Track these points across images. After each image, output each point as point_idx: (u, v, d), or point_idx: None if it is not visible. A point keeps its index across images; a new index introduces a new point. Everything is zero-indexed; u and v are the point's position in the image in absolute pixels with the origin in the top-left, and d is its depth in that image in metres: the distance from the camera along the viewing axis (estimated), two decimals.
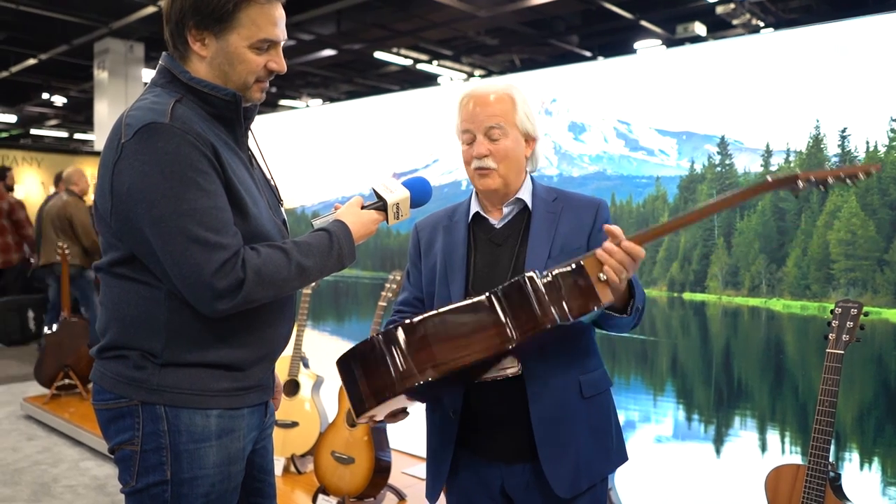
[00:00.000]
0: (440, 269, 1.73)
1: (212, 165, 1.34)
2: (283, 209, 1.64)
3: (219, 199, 1.34)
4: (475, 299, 1.38)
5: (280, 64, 1.48)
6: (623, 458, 1.75)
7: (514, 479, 1.63)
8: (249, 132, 1.58)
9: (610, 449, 1.69)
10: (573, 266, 1.38)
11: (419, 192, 1.61)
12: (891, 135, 2.67)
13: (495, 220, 1.72)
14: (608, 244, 1.40)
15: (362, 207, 1.56)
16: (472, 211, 1.75)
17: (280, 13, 1.45)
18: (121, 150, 1.32)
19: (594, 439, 1.64)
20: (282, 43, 1.48)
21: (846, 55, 2.78)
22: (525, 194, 1.71)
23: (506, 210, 1.72)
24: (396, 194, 1.57)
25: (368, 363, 1.37)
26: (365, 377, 1.37)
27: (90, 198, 6.43)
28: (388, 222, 1.58)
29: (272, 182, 1.65)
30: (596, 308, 1.38)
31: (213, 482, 1.42)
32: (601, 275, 1.38)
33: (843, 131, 2.78)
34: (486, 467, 1.67)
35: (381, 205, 1.57)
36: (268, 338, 1.49)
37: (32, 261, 7.21)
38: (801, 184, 1.42)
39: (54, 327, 5.19)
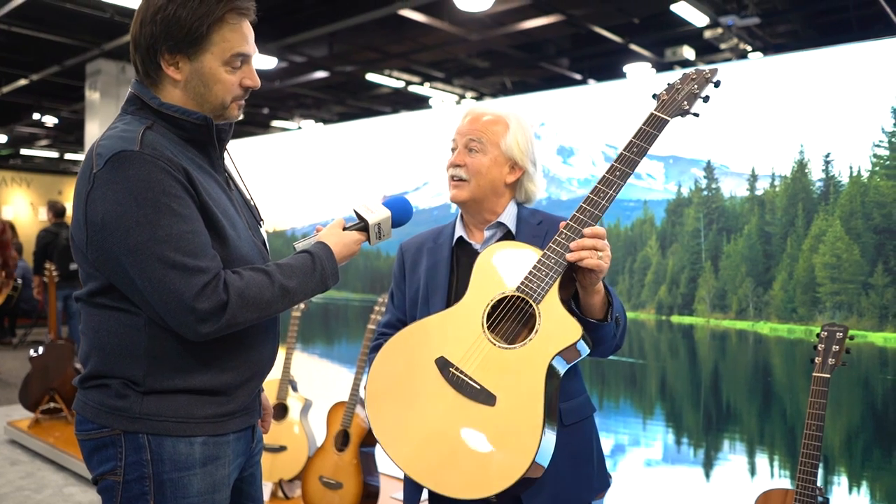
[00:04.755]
0: (422, 291, 1.73)
1: (185, 190, 1.34)
2: (263, 229, 1.64)
3: (195, 224, 1.33)
4: None
5: (254, 79, 1.48)
6: (605, 485, 1.74)
7: None
8: (226, 153, 1.58)
9: (591, 476, 1.68)
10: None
11: (400, 211, 1.62)
12: (873, 160, 2.71)
13: (477, 244, 1.73)
14: (574, 243, 1.48)
15: (344, 229, 1.56)
16: (457, 234, 1.76)
17: (249, 30, 1.46)
18: (93, 181, 1.32)
19: (574, 467, 1.63)
20: (253, 58, 1.49)
21: (830, 81, 2.82)
22: (507, 219, 1.72)
23: (487, 234, 1.73)
24: (377, 214, 1.58)
25: None
26: None
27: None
28: (370, 242, 1.59)
29: (251, 202, 1.65)
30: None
31: None
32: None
33: (827, 156, 2.81)
34: None
35: (362, 225, 1.57)
36: (252, 360, 1.48)
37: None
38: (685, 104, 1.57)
39: (40, 350, 5.13)
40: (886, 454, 2.66)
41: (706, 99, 1.58)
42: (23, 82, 9.78)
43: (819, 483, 2.07)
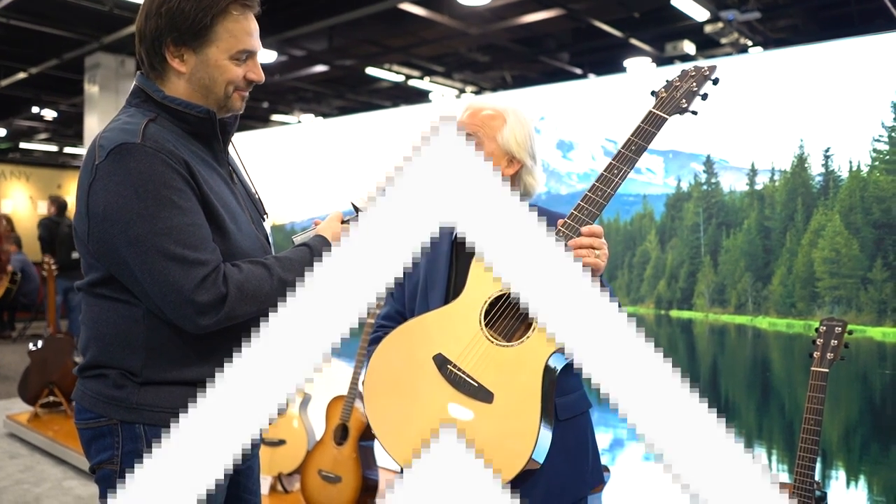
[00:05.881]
0: (421, 285, 1.73)
1: (186, 182, 1.34)
2: (267, 223, 1.64)
3: (195, 216, 1.34)
4: None
5: (258, 74, 1.49)
6: (600, 479, 1.74)
7: None
8: (230, 146, 1.58)
9: (585, 471, 1.68)
10: None
11: None
12: (873, 155, 2.70)
13: None
14: (572, 241, 1.48)
15: (342, 222, 1.57)
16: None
17: (254, 25, 1.47)
18: (95, 172, 1.33)
19: (569, 462, 1.63)
20: (258, 53, 1.49)
21: (831, 76, 2.82)
22: None
23: None
24: None
25: None
26: None
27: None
28: None
29: (256, 195, 1.65)
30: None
31: None
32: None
33: (827, 151, 2.81)
34: None
35: None
36: None
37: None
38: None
39: (39, 343, 5.13)
40: (884, 448, 2.67)
41: (705, 97, 1.58)
42: (21, 76, 9.76)
43: (817, 477, 2.07)
